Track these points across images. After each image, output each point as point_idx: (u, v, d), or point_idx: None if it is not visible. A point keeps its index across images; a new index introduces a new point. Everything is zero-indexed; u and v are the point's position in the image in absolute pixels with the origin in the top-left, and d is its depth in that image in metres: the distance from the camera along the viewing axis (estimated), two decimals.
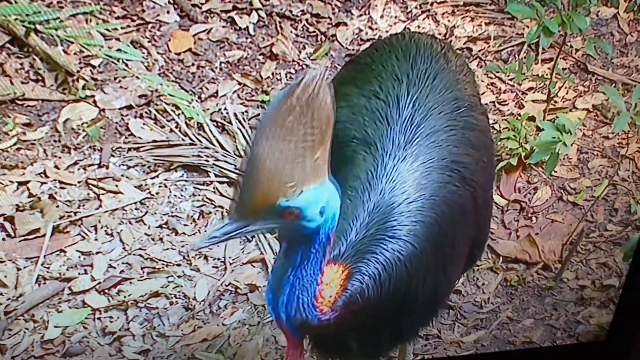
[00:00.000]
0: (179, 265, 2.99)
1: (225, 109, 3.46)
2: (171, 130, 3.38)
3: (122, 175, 3.25)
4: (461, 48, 3.65)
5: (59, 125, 3.34)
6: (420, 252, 1.82)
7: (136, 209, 3.16)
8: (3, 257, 2.96)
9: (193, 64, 3.61)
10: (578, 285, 2.96)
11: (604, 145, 3.37)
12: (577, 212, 3.17)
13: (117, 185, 3.21)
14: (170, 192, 3.21)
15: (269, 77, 3.59)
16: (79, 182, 3.20)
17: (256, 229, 1.56)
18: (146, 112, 3.43)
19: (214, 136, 3.37)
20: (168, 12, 3.68)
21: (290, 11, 3.74)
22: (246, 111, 3.47)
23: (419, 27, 3.75)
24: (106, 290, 2.91)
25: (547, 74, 3.32)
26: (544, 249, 3.02)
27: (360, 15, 3.76)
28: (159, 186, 3.23)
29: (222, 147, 3.35)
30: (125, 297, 2.90)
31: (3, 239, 3.01)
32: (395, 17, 3.78)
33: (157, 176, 3.25)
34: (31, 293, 2.87)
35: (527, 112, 3.37)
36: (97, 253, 3.01)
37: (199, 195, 3.21)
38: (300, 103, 1.52)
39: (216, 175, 3.26)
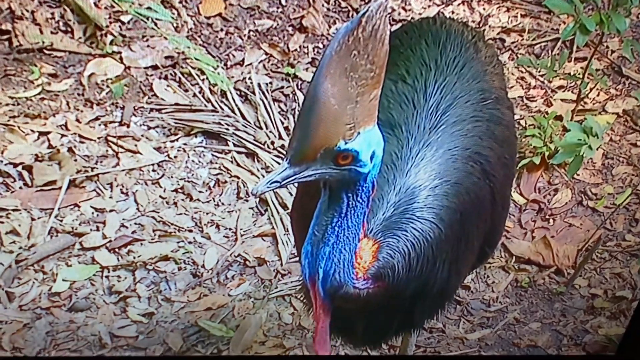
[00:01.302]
0: (190, 231, 2.99)
1: (249, 78, 3.44)
2: (194, 95, 3.37)
3: (142, 136, 3.25)
4: (494, 38, 3.59)
5: (84, 79, 3.35)
6: (444, 236, 1.82)
7: (153, 170, 3.16)
8: (19, 205, 2.98)
9: (222, 30, 3.58)
10: (590, 293, 2.91)
11: (631, 153, 3.29)
12: (596, 219, 3.11)
13: (136, 145, 3.21)
14: (188, 157, 3.21)
15: (296, 50, 3.55)
16: (98, 138, 3.21)
17: (311, 174, 1.56)
18: (171, 74, 3.43)
19: (236, 105, 3.35)
20: None
21: None
22: (270, 83, 3.45)
23: (453, 12, 3.69)
24: (116, 249, 2.92)
25: (579, 74, 3.24)
26: (559, 252, 2.97)
27: None
28: (178, 150, 3.22)
29: (243, 117, 3.32)
30: (134, 257, 2.91)
31: (20, 188, 3.04)
32: (430, 0, 3.72)
33: (177, 140, 3.25)
34: (43, 244, 2.89)
35: (555, 110, 3.30)
36: (110, 211, 3.02)
37: (216, 163, 3.20)
38: (365, 35, 1.51)
39: (235, 145, 3.25)
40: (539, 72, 3.47)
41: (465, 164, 1.89)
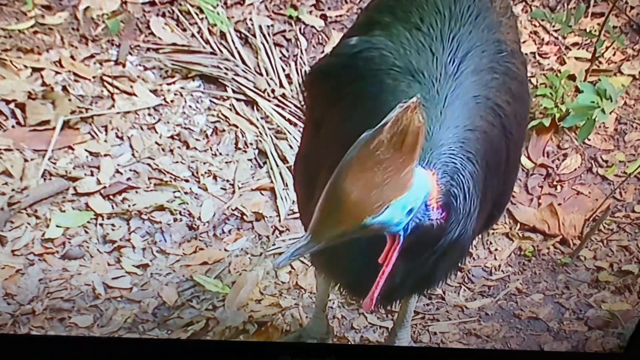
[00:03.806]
0: (187, 181, 2.93)
1: (250, 19, 3.31)
2: (192, 35, 3.25)
3: (138, 77, 3.16)
4: None
5: (79, 13, 3.22)
6: (480, 180, 1.80)
7: (149, 114, 3.08)
8: (11, 145, 2.92)
9: None
10: (595, 266, 2.86)
11: None
12: (606, 188, 3.04)
13: (132, 87, 3.12)
14: (185, 102, 3.12)
15: None
16: (93, 77, 3.11)
17: (337, 242, 1.55)
18: (169, 12, 3.30)
19: (236, 48, 3.25)
20: None
21: None
22: (272, 25, 3.33)
23: None
24: (111, 196, 2.87)
25: (595, 31, 3.13)
26: (565, 221, 2.91)
27: None
28: (175, 94, 3.13)
29: (243, 62, 3.22)
30: (129, 206, 2.85)
31: (13, 127, 2.96)
32: None
33: (174, 82, 3.16)
34: (36, 187, 2.83)
35: (567, 69, 3.20)
36: (105, 155, 2.96)
37: (214, 110, 3.11)
38: (392, 138, 1.47)
39: (234, 92, 3.16)
40: (553, 27, 3.34)
41: (488, 114, 1.85)
